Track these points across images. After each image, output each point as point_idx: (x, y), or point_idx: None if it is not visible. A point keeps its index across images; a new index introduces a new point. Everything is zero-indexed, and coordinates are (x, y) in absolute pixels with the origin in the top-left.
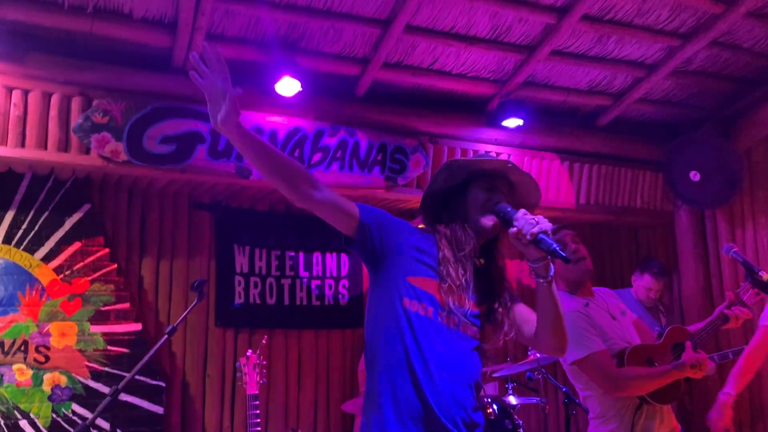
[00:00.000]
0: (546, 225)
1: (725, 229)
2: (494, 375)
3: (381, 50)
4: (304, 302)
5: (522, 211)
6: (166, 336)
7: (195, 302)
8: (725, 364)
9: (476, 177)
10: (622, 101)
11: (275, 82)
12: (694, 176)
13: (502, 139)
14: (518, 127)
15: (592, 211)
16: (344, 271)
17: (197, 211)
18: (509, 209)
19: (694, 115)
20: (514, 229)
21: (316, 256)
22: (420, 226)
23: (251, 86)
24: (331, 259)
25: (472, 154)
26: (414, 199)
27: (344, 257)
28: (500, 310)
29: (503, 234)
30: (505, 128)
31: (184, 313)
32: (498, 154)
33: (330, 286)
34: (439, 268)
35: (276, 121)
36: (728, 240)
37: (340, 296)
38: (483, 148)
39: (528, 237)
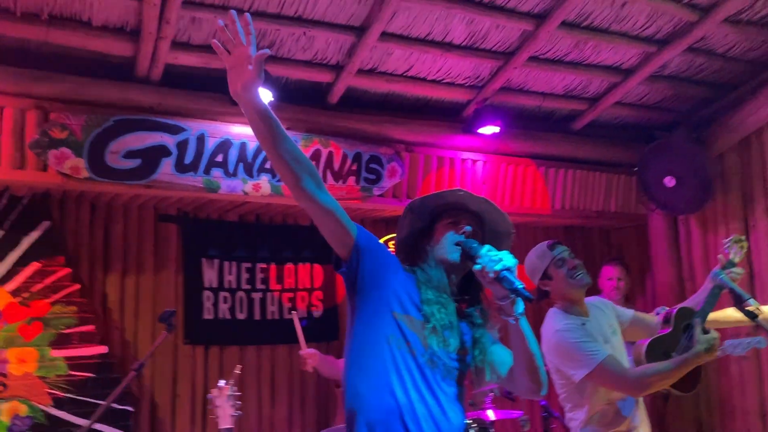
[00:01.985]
0: (510, 261)
1: (698, 234)
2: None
3: (355, 57)
4: (276, 316)
5: (486, 247)
6: (133, 372)
7: (163, 335)
8: None
9: (440, 214)
10: (597, 106)
11: None
12: (669, 181)
13: (478, 146)
14: (494, 133)
15: (567, 216)
16: (318, 282)
17: (163, 223)
18: (474, 245)
19: (668, 119)
20: (478, 266)
21: (289, 267)
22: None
23: (219, 96)
24: (303, 270)
25: (448, 162)
26: (389, 209)
27: (317, 268)
28: (479, 354)
29: None
30: (481, 135)
31: (152, 347)
32: (474, 161)
33: (303, 298)
34: (422, 309)
35: (247, 132)
36: (701, 244)
37: (313, 309)
38: (459, 155)
39: (491, 275)
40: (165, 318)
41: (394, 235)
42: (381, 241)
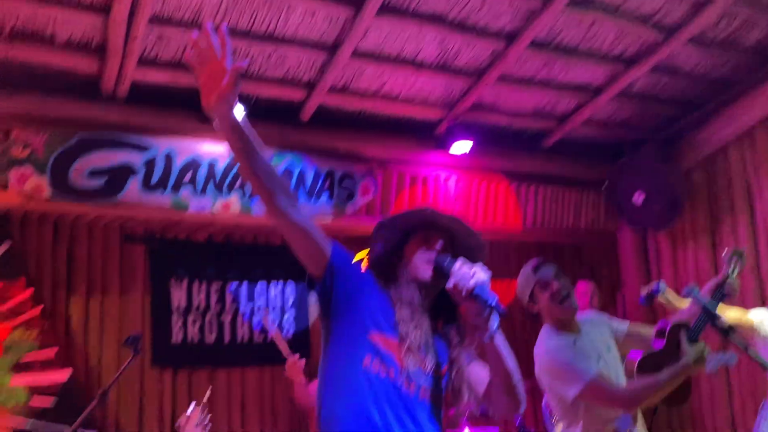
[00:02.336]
0: (483, 276)
1: (667, 250)
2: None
3: (327, 75)
4: (246, 338)
5: (459, 262)
6: (97, 400)
7: (129, 360)
8: None
9: (411, 232)
10: (566, 124)
11: None
12: (638, 198)
13: (450, 163)
14: (466, 151)
15: (538, 233)
16: (289, 301)
17: (130, 244)
18: (446, 262)
19: (636, 137)
20: (451, 283)
21: (260, 286)
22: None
23: (187, 113)
24: (275, 289)
25: (421, 179)
26: (363, 226)
27: (290, 286)
28: (456, 374)
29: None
30: (453, 152)
31: (118, 373)
32: (447, 178)
33: (274, 319)
34: (398, 328)
35: (216, 150)
36: (670, 259)
37: (285, 329)
38: (432, 172)
39: (464, 291)
40: (131, 342)
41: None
42: (355, 258)
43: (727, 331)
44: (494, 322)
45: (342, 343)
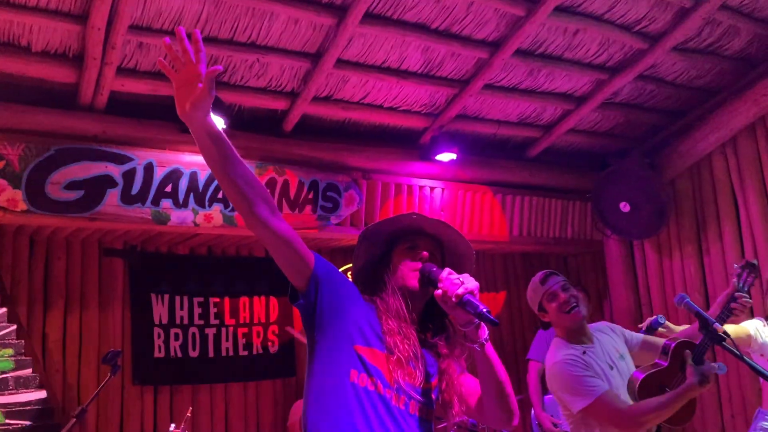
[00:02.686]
0: (472, 284)
1: (653, 258)
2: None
3: (310, 84)
4: (231, 353)
5: (446, 271)
6: (74, 419)
7: (108, 377)
8: None
9: (396, 240)
10: (551, 133)
11: None
12: (624, 207)
13: (435, 173)
14: (451, 161)
15: (524, 243)
16: (273, 316)
17: (109, 258)
18: (433, 269)
19: (620, 146)
20: (439, 291)
21: (244, 301)
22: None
23: (168, 124)
24: (259, 303)
25: (406, 190)
26: (347, 237)
27: (273, 301)
28: (446, 386)
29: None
30: (439, 162)
31: (96, 391)
32: (432, 188)
33: (258, 333)
34: (385, 340)
35: (196, 160)
36: (657, 268)
37: (269, 344)
38: (417, 182)
39: (453, 299)
40: (109, 359)
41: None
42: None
43: (722, 338)
44: (484, 330)
45: (327, 356)
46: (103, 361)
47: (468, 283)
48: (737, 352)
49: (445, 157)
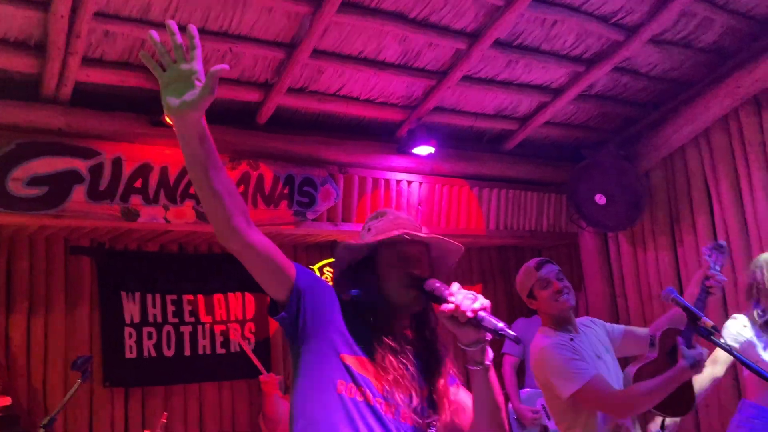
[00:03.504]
0: (485, 301)
1: (628, 250)
2: None
3: (285, 75)
4: (208, 350)
5: (455, 285)
6: (41, 429)
7: (77, 384)
8: None
9: (380, 247)
10: (527, 125)
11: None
12: (600, 199)
13: (412, 167)
14: (428, 154)
15: (501, 236)
16: (250, 313)
17: (76, 256)
18: (437, 285)
19: (596, 138)
20: (450, 305)
21: (218, 298)
22: None
23: (136, 116)
24: (234, 300)
25: (383, 184)
26: (324, 233)
27: (249, 297)
28: (436, 397)
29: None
30: (416, 155)
31: (65, 399)
32: (410, 182)
33: (235, 330)
34: (375, 353)
35: (167, 154)
36: (631, 260)
37: (247, 341)
38: (394, 176)
39: (469, 314)
40: (80, 365)
41: (330, 260)
42: (316, 267)
43: (710, 332)
44: (490, 352)
45: (313, 368)
46: (72, 368)
47: (482, 300)
48: (726, 346)
49: (423, 150)
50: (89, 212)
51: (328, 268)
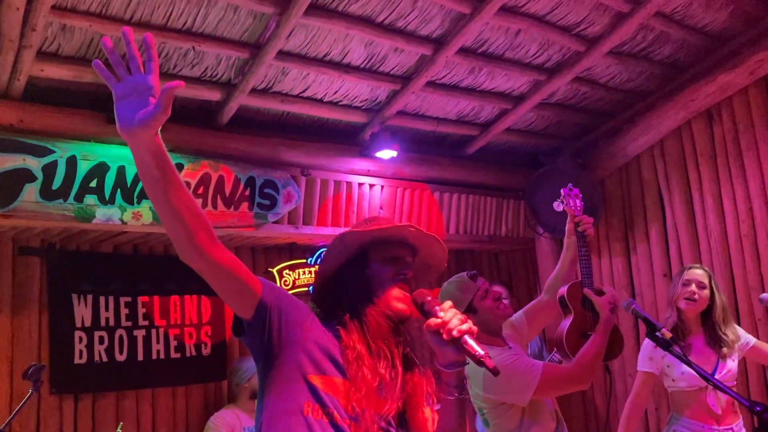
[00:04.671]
0: (474, 327)
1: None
2: None
3: (249, 75)
4: (162, 355)
5: (447, 303)
6: None
7: (29, 394)
8: None
9: (373, 246)
10: (488, 131)
11: None
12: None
13: (375, 170)
14: (391, 158)
15: (461, 240)
16: (206, 316)
17: (24, 257)
18: (428, 299)
19: (553, 145)
20: (437, 320)
21: (174, 300)
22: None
23: (92, 113)
24: (190, 303)
25: (345, 187)
26: (285, 236)
27: (205, 300)
28: (408, 412)
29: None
30: (378, 159)
31: (15, 411)
32: (372, 185)
33: (191, 335)
34: (347, 367)
35: (124, 153)
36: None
37: (202, 346)
38: (356, 179)
39: (455, 333)
40: (31, 375)
41: (289, 263)
42: (274, 270)
43: (668, 343)
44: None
45: (277, 390)
46: (24, 377)
47: (470, 323)
48: (685, 358)
49: (386, 154)
50: (41, 212)
51: (287, 271)
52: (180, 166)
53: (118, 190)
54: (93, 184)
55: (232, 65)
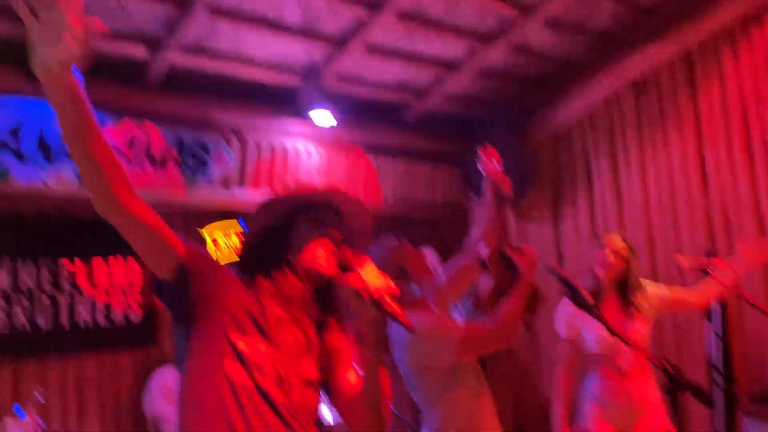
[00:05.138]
0: (395, 289)
1: (514, 222)
2: None
3: (177, 32)
4: (90, 322)
5: (369, 263)
6: None
7: None
8: None
9: (300, 211)
10: (425, 98)
11: None
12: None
13: (311, 134)
14: (328, 124)
15: (397, 207)
16: (136, 281)
17: None
18: (350, 257)
19: (488, 113)
20: (358, 279)
21: (98, 262)
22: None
23: (9, 68)
24: (118, 268)
25: (281, 150)
26: (217, 201)
27: (134, 265)
28: (332, 375)
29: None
30: (315, 124)
31: None
32: (308, 150)
33: (120, 300)
34: (268, 328)
35: (47, 112)
36: (518, 231)
37: (132, 313)
38: (292, 143)
39: (374, 293)
40: None
41: (220, 223)
42: (203, 230)
43: (590, 307)
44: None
45: (199, 352)
46: None
47: (391, 284)
48: (601, 317)
49: (321, 117)
50: None
51: (218, 232)
52: (102, 122)
53: (40, 150)
54: (11, 143)
55: (160, 21)
